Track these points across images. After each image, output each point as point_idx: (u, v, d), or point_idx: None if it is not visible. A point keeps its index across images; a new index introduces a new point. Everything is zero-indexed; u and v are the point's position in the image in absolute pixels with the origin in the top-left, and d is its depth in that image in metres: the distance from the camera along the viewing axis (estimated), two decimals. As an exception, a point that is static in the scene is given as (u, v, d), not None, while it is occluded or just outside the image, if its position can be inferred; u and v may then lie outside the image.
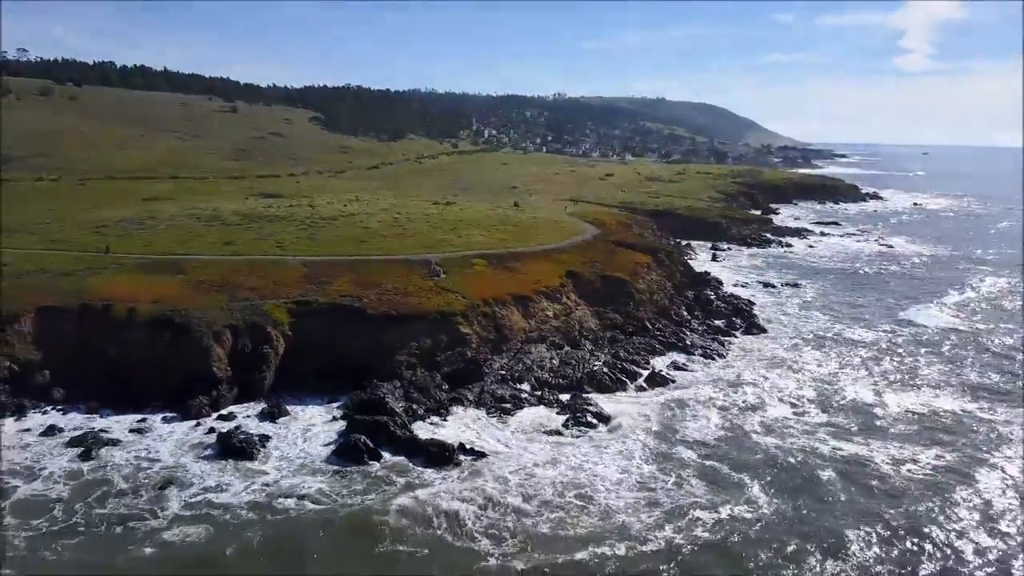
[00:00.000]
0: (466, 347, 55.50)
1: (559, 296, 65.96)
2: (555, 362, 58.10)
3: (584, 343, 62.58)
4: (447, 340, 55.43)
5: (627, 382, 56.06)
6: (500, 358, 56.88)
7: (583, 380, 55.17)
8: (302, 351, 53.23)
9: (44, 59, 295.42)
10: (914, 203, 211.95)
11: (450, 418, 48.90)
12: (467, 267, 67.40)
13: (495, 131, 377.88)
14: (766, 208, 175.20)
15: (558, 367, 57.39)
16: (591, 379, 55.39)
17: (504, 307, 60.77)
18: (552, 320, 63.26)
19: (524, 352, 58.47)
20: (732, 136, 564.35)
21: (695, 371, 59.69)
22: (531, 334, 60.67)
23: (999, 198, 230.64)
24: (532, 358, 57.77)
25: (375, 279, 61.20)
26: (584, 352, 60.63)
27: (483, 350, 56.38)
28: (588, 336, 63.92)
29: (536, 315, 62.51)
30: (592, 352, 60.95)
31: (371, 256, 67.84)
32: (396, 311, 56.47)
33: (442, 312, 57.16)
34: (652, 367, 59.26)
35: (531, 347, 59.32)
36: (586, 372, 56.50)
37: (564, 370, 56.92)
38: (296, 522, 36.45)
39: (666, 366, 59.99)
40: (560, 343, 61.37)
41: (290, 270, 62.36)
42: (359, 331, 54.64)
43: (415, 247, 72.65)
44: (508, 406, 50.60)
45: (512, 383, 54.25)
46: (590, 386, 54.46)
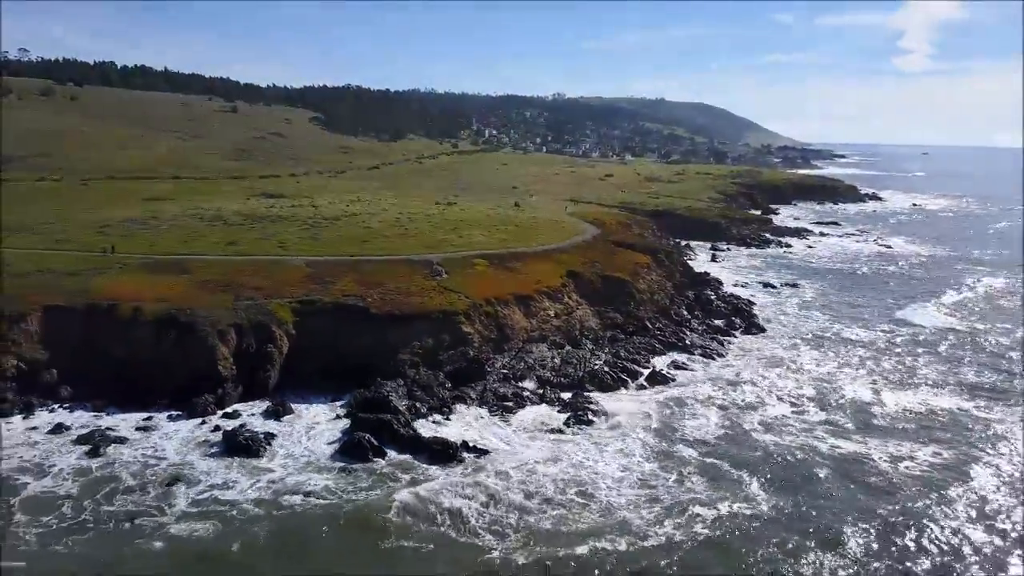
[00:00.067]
0: (468, 346, 56.02)
1: (560, 296, 66.51)
2: (556, 361, 58.64)
3: (585, 342, 63.15)
4: (450, 339, 55.97)
5: (628, 381, 56.62)
6: (502, 357, 57.42)
7: (584, 379, 55.75)
8: (306, 350, 53.78)
9: (45, 59, 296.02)
10: (913, 204, 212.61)
11: (453, 416, 49.46)
12: (469, 267, 67.94)
13: (495, 131, 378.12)
14: (765, 208, 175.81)
15: (559, 366, 57.95)
16: (592, 378, 55.96)
17: (506, 307, 61.30)
18: (553, 319, 63.80)
19: (526, 351, 59.02)
20: (732, 136, 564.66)
21: (695, 370, 60.24)
22: (532, 333, 61.21)
23: (998, 198, 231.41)
24: (534, 357, 58.33)
25: (378, 279, 61.73)
26: (585, 351, 61.20)
27: (485, 349, 56.92)
28: (589, 335, 64.47)
29: (537, 314, 63.04)
30: (593, 351, 61.52)
31: (373, 256, 68.40)
32: (399, 311, 57.01)
33: (444, 312, 57.69)
34: (652, 366, 59.84)
35: (533, 346, 59.87)
36: (587, 371, 57.06)
37: (565, 369, 57.48)
38: (302, 518, 36.99)
39: (666, 365, 60.55)
40: (561, 342, 61.92)
41: (293, 270, 62.90)
42: (362, 330, 55.20)
43: (417, 247, 73.19)
44: (510, 404, 51.17)
45: (514, 382, 54.81)
46: (591, 385, 55.03)
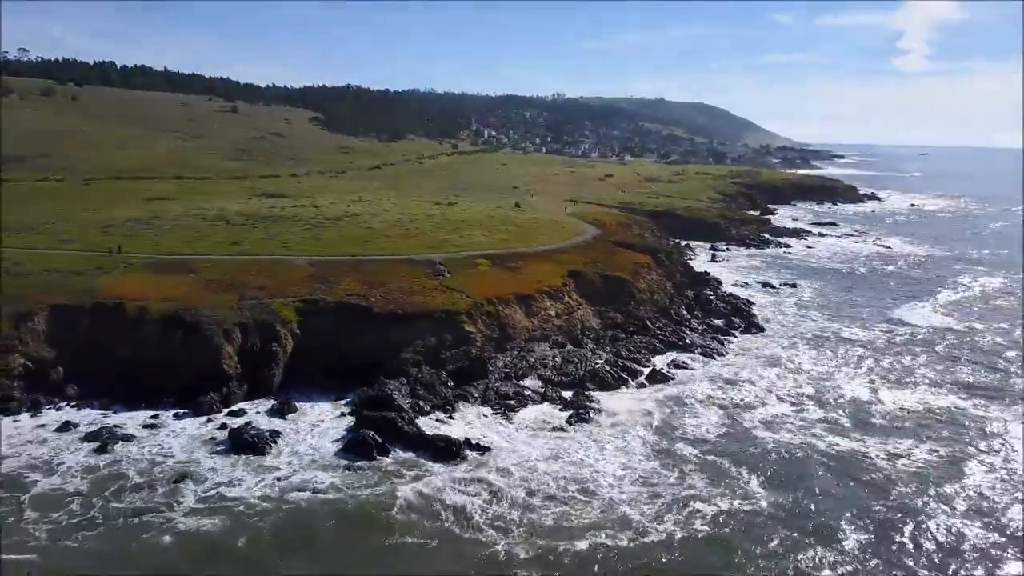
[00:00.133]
0: (471, 345, 56.55)
1: (561, 295, 67.04)
2: (558, 360, 59.19)
3: (586, 341, 63.70)
4: (452, 338, 56.50)
5: (629, 380, 57.19)
6: (504, 356, 57.95)
7: (585, 378, 56.30)
8: (310, 349, 54.32)
9: (45, 59, 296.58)
10: (911, 204, 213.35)
11: (456, 414, 50.00)
12: (470, 267, 68.48)
13: (494, 131, 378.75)
14: (765, 209, 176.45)
15: (561, 365, 58.50)
16: (593, 377, 56.52)
17: (507, 306, 61.83)
18: (555, 319, 64.35)
19: (527, 350, 59.58)
20: (731, 136, 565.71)
21: (695, 369, 60.81)
22: (534, 333, 61.76)
23: (996, 199, 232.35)
24: (535, 356, 58.89)
25: (380, 279, 62.25)
26: (586, 350, 61.76)
27: (487, 348, 57.45)
28: (590, 335, 65.02)
29: (539, 314, 63.58)
30: (594, 350, 62.08)
31: (376, 256, 68.94)
32: (402, 310, 57.53)
33: (447, 311, 58.21)
34: (653, 365, 60.42)
35: (534, 345, 60.45)
36: (588, 370, 57.61)
37: (567, 368, 58.03)
38: (308, 515, 37.52)
39: (667, 364, 61.11)
40: (562, 341, 62.47)
41: (297, 270, 63.42)
42: (366, 329, 55.72)
43: (419, 247, 73.74)
44: (512, 403, 51.72)
45: (516, 380, 55.36)
46: (592, 383, 55.59)
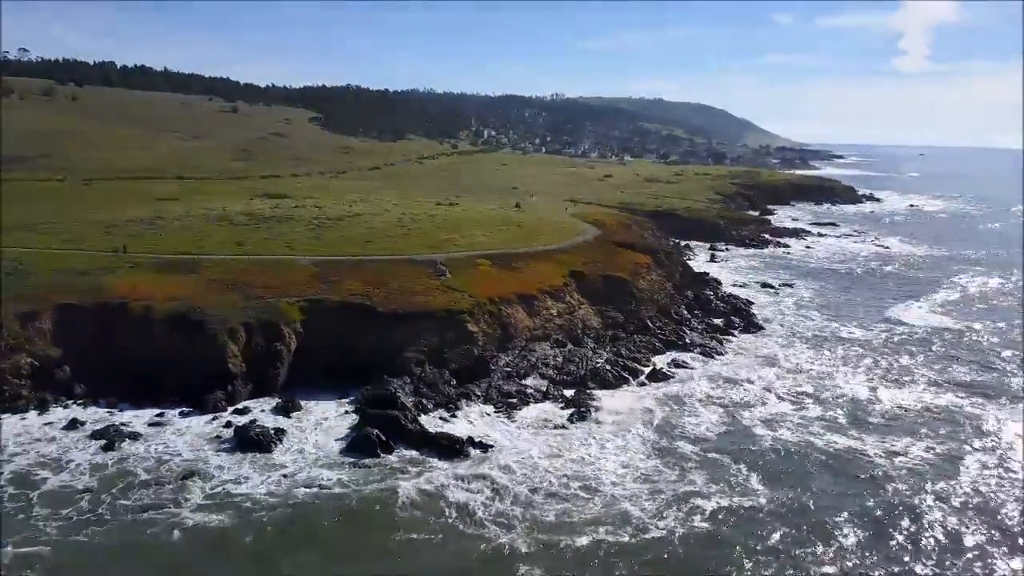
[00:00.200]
0: (473, 344, 57.09)
1: (562, 295, 67.55)
2: (559, 359, 59.74)
3: (587, 341, 64.24)
4: (454, 337, 57.03)
5: (629, 379, 57.75)
6: (506, 355, 58.48)
7: (587, 377, 56.86)
8: (314, 348, 54.81)
9: (45, 59, 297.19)
10: (910, 204, 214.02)
11: (458, 413, 50.53)
12: (472, 267, 68.97)
13: (494, 131, 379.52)
14: (764, 209, 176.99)
15: (562, 364, 59.05)
16: (594, 376, 57.07)
17: (509, 306, 62.33)
18: (556, 318, 64.87)
19: (529, 349, 60.13)
20: (730, 137, 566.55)
21: (695, 368, 61.37)
22: (536, 332, 62.29)
23: (994, 200, 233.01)
24: (537, 355, 59.45)
25: (383, 278, 62.75)
26: (587, 350, 62.32)
27: (489, 347, 57.98)
28: (591, 334, 65.55)
29: (540, 313, 64.10)
30: (595, 350, 62.64)
31: (378, 256, 69.41)
32: (404, 309, 58.05)
33: (449, 310, 58.74)
34: (653, 364, 60.98)
35: (536, 345, 60.99)
36: (589, 369, 58.18)
37: (568, 367, 58.59)
38: (314, 511, 38.07)
39: (667, 363, 61.66)
40: (564, 341, 63.02)
41: (300, 270, 63.92)
42: (369, 329, 56.22)
43: (420, 247, 74.21)
44: (514, 401, 52.28)
45: (518, 379, 55.91)
46: (593, 382, 56.13)
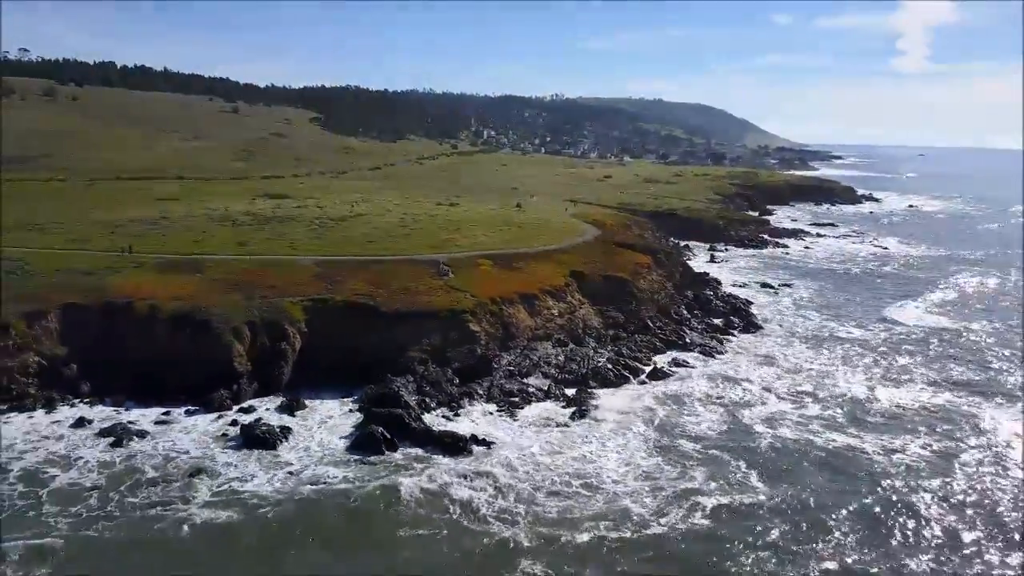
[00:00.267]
0: (475, 344, 57.62)
1: (563, 295, 68.08)
2: (560, 359, 60.28)
3: (588, 340, 64.77)
4: (457, 337, 57.56)
5: (630, 378, 58.29)
6: (508, 354, 59.00)
7: (588, 376, 57.41)
8: (318, 347, 55.31)
9: (45, 59, 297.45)
10: (909, 205, 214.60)
11: (461, 411, 51.08)
12: (474, 267, 69.49)
13: (494, 132, 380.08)
14: (763, 210, 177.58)
15: (563, 363, 59.59)
16: (596, 375, 57.62)
17: (511, 305, 62.85)
18: (557, 318, 65.39)
19: (531, 349, 60.66)
20: (729, 137, 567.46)
21: (695, 367, 61.89)
22: (537, 331, 62.82)
23: (992, 200, 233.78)
24: (538, 355, 59.98)
25: (386, 278, 63.26)
26: (588, 349, 62.86)
27: (492, 347, 58.51)
28: (592, 334, 66.09)
29: (541, 313, 64.62)
30: (596, 349, 63.19)
31: (381, 256, 69.93)
32: (407, 309, 58.57)
33: (452, 310, 59.26)
34: (654, 363, 61.53)
35: (537, 344, 61.51)
36: (591, 368, 58.73)
37: (569, 366, 59.12)
38: (320, 508, 38.62)
39: (667, 363, 62.20)
40: (565, 340, 63.54)
41: (303, 270, 64.43)
42: (372, 328, 56.71)
43: (423, 247, 74.75)
44: (516, 400, 52.82)
45: (520, 378, 56.45)
46: (595, 381, 56.69)
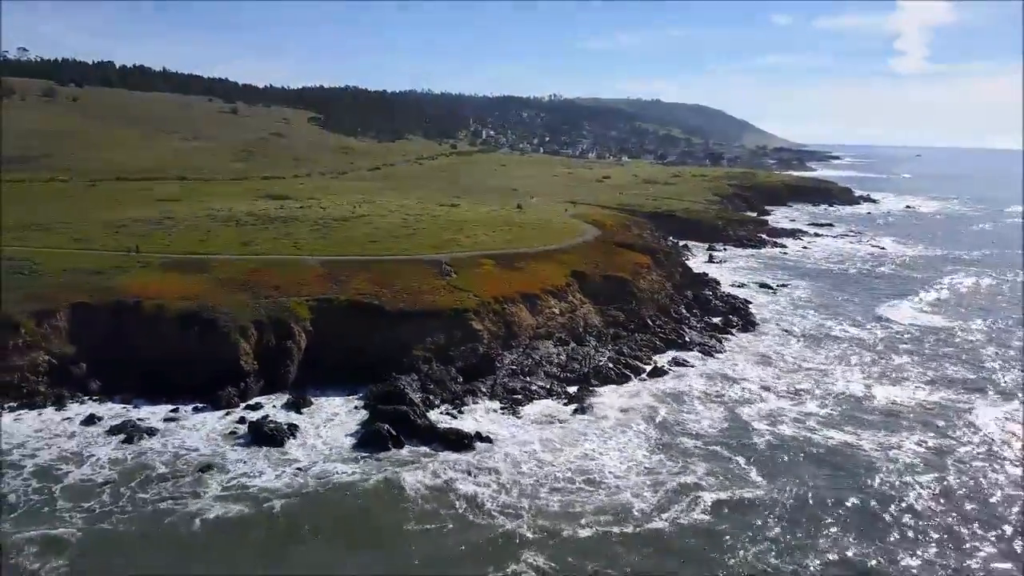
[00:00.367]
0: (478, 342, 58.42)
1: (565, 295, 68.91)
2: (562, 357, 61.08)
3: (589, 339, 65.58)
4: (460, 336, 58.37)
5: (631, 376, 59.08)
6: (510, 353, 59.79)
7: (589, 374, 58.22)
8: (323, 346, 56.11)
9: (45, 59, 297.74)
10: (906, 206, 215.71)
11: (465, 409, 51.85)
12: (476, 267, 70.30)
13: (492, 132, 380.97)
14: (761, 210, 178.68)
15: (565, 362, 60.39)
16: (597, 373, 58.45)
17: (513, 305, 63.67)
18: (558, 317, 66.22)
19: (532, 348, 61.46)
20: (728, 137, 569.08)
21: (695, 366, 62.73)
22: (539, 330, 63.63)
23: (990, 201, 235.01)
24: (540, 353, 60.78)
25: (389, 278, 64.05)
26: (589, 348, 63.67)
27: (494, 345, 59.32)
28: (592, 333, 66.91)
29: (543, 312, 65.45)
30: (597, 348, 63.99)
31: (384, 256, 70.74)
32: (411, 308, 59.38)
33: (455, 309, 60.08)
34: (654, 362, 62.37)
35: (539, 343, 62.31)
36: (592, 367, 59.54)
37: (571, 365, 59.93)
38: (328, 503, 39.39)
39: (667, 361, 63.04)
40: (566, 339, 64.34)
41: (308, 269, 65.20)
42: (377, 327, 57.49)
43: (425, 247, 75.56)
44: (519, 398, 53.63)
45: (522, 376, 57.21)
46: (596, 380, 57.49)
